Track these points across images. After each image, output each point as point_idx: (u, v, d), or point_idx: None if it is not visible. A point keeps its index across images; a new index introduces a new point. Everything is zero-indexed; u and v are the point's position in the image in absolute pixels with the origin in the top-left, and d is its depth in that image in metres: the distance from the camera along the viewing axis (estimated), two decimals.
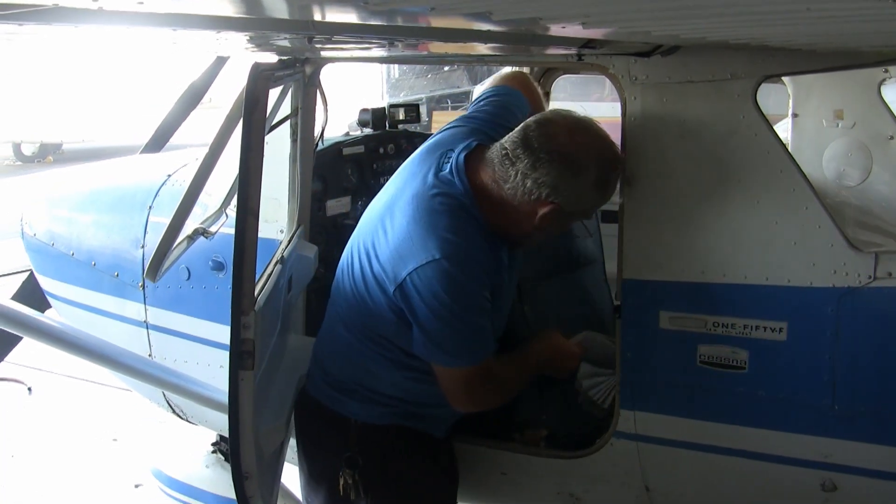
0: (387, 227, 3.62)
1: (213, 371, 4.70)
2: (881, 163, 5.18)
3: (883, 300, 3.47)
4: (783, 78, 5.10)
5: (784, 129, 5.41)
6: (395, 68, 25.90)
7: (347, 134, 5.61)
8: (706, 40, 3.14)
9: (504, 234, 3.67)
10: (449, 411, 3.88)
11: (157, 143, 6.57)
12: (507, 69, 4.60)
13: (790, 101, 5.39)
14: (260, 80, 3.31)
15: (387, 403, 3.84)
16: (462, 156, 3.65)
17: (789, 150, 3.87)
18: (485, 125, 3.88)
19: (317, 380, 3.95)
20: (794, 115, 5.39)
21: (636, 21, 2.48)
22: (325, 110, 4.52)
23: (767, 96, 3.88)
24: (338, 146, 5.13)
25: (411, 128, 5.82)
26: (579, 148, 3.51)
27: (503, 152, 3.55)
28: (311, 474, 4.01)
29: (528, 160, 3.48)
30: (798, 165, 3.59)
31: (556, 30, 2.72)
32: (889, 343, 3.50)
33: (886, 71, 5.09)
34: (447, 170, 3.63)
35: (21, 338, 5.50)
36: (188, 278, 4.78)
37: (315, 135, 4.49)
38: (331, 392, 3.87)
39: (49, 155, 28.78)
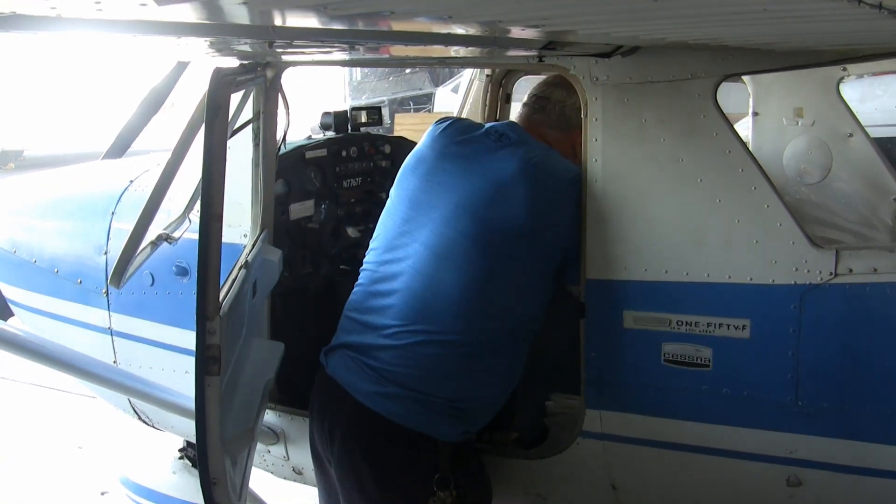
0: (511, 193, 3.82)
1: (179, 377, 4.68)
2: (840, 160, 5.21)
3: (844, 296, 3.51)
4: (743, 77, 5.13)
5: (745, 128, 5.44)
6: (358, 71, 25.92)
7: (310, 137, 5.59)
8: (665, 41, 3.17)
9: None
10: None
11: (119, 148, 6.52)
12: None
13: (750, 100, 5.42)
14: (221, 84, 3.30)
15: (473, 418, 3.91)
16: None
17: (750, 148, 3.90)
18: None
19: (400, 403, 3.79)
20: (755, 114, 5.42)
21: (594, 23, 2.49)
22: (287, 114, 4.51)
23: (728, 95, 3.90)
24: (300, 150, 5.11)
25: (374, 130, 5.80)
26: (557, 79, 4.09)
27: (530, 109, 4.13)
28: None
29: (561, 94, 4.05)
30: (759, 164, 3.63)
31: (516, 32, 2.74)
32: (851, 339, 3.54)
33: (845, 69, 5.12)
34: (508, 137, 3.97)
35: None
36: (152, 284, 4.75)
37: (277, 139, 4.48)
38: (420, 410, 3.78)
39: (10, 162, 28.49)
